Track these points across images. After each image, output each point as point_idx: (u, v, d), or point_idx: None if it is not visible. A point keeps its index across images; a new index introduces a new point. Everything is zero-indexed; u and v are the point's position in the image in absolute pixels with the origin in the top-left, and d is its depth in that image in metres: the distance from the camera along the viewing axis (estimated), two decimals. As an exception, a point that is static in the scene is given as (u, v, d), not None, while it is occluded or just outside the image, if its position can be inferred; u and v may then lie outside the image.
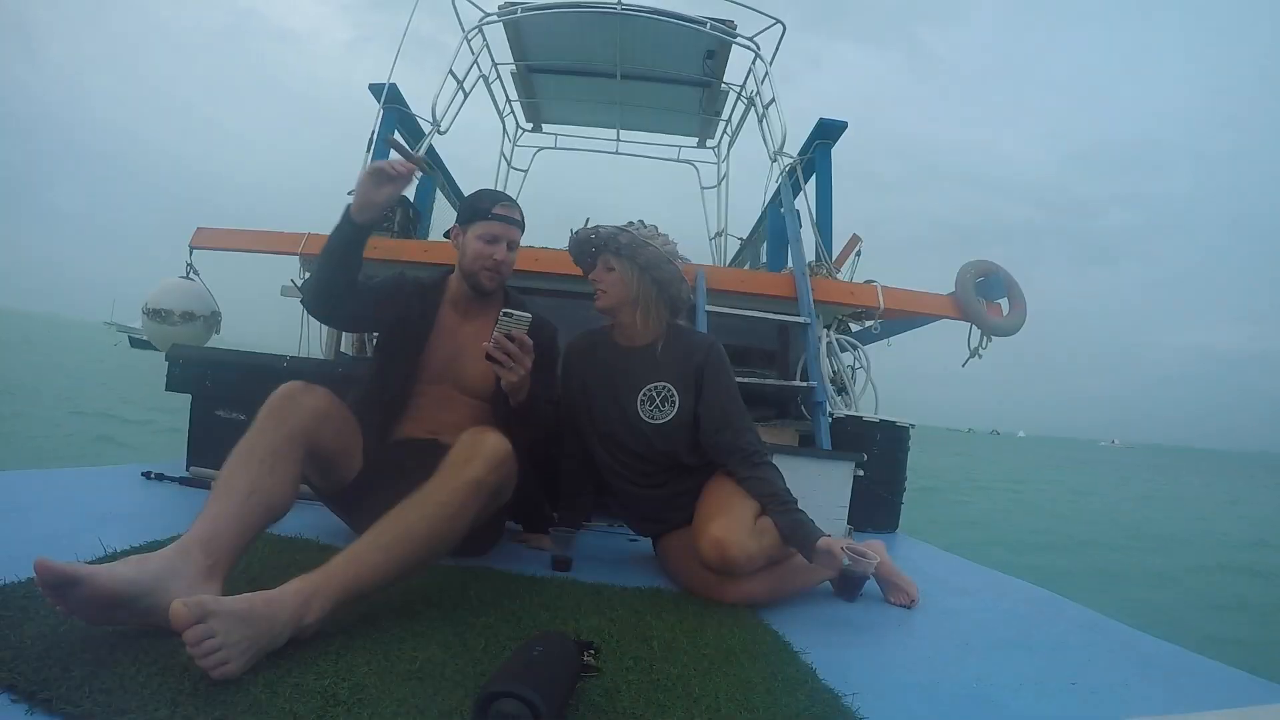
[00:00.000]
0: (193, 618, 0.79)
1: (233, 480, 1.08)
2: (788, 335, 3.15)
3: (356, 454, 1.43)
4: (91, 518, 1.49)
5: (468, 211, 1.64)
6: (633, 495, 1.66)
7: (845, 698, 0.97)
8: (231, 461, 1.11)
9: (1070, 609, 1.71)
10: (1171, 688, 1.21)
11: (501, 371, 1.39)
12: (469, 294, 1.65)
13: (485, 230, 1.60)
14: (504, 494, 1.31)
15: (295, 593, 0.92)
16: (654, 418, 1.59)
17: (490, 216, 1.60)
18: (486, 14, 3.51)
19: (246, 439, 1.14)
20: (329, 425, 1.29)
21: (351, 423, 1.41)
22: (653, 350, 1.63)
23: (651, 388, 1.60)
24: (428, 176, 3.53)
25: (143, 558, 0.92)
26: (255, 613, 0.85)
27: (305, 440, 1.20)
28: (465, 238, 1.62)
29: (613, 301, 1.62)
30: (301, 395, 1.23)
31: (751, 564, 1.40)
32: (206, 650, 0.78)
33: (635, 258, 1.59)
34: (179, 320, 2.98)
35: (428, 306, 1.64)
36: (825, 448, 2.42)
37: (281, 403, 1.20)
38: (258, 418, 1.18)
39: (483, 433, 1.24)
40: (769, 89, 3.45)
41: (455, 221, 1.67)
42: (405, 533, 1.06)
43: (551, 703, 0.75)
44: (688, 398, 1.58)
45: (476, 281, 1.62)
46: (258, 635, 0.84)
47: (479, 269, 1.60)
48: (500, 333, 1.37)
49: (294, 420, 1.19)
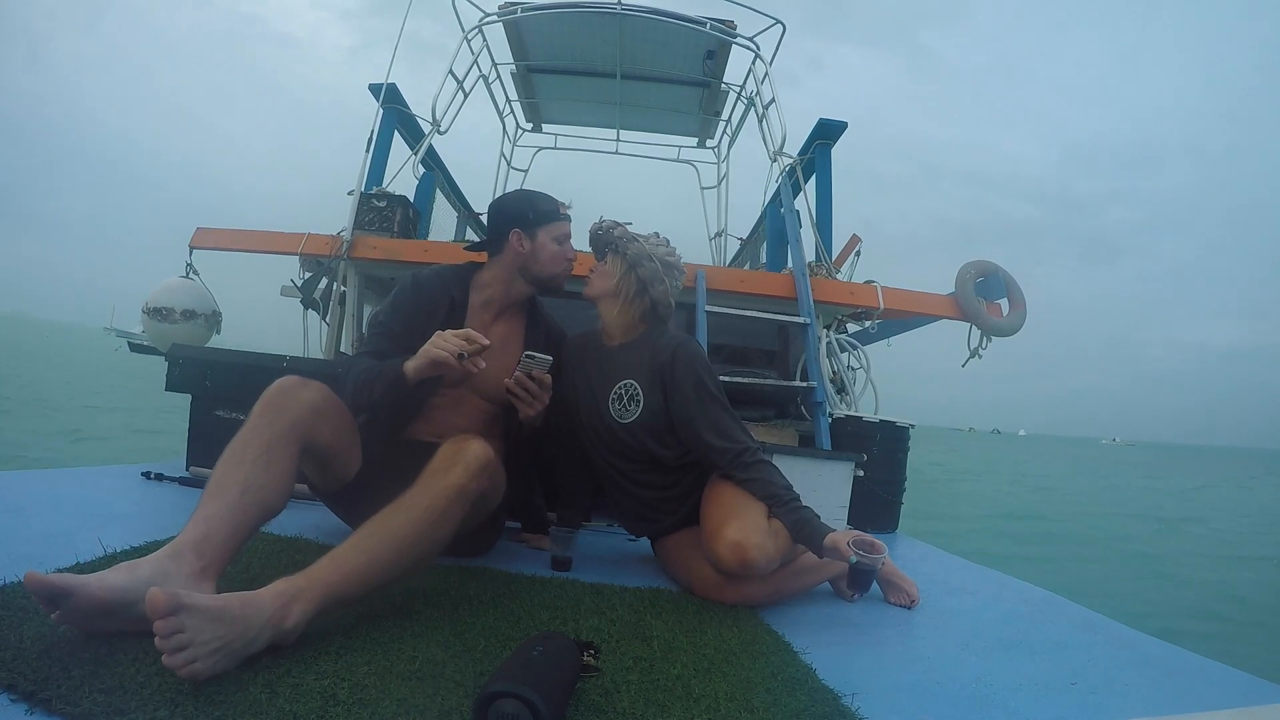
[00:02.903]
0: (167, 608, 0.77)
1: (226, 478, 1.06)
2: (788, 335, 3.15)
3: (355, 451, 1.41)
4: (91, 518, 1.49)
5: (533, 214, 1.62)
6: (620, 494, 1.66)
7: (845, 698, 0.97)
8: (225, 459, 1.09)
9: (1070, 609, 1.71)
10: (1171, 688, 1.21)
11: (520, 405, 1.46)
12: (512, 296, 1.64)
13: (559, 231, 1.63)
14: (489, 500, 1.31)
15: (275, 595, 0.90)
16: (621, 416, 1.58)
17: (561, 217, 1.64)
18: (486, 14, 3.51)
19: (240, 435, 1.12)
20: (325, 421, 1.27)
21: (349, 419, 1.38)
22: (626, 348, 1.63)
23: (621, 386, 1.59)
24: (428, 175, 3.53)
25: (134, 563, 0.91)
26: (229, 613, 0.83)
27: (301, 435, 1.18)
28: (536, 241, 1.61)
29: (595, 291, 1.64)
30: (298, 390, 1.21)
31: (770, 566, 1.39)
32: (174, 645, 0.77)
33: (624, 252, 1.61)
34: (180, 319, 2.98)
35: (456, 307, 1.60)
36: (825, 448, 2.42)
37: (276, 397, 1.18)
38: (252, 413, 1.16)
39: (466, 440, 1.23)
40: (769, 89, 3.46)
41: (513, 226, 1.61)
42: (389, 538, 1.05)
43: (551, 703, 0.75)
44: (653, 397, 1.56)
45: (554, 282, 1.64)
46: (229, 636, 0.82)
47: (559, 270, 1.63)
48: (522, 373, 1.43)
49: (289, 415, 1.17)
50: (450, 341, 1.33)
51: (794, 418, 2.82)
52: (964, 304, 3.00)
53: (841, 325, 3.37)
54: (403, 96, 3.45)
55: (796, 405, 2.82)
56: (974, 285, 3.04)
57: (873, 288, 3.01)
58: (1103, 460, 41.53)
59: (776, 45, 3.52)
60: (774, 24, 3.47)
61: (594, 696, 0.88)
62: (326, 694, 0.80)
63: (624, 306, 1.62)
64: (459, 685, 0.86)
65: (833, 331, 3.06)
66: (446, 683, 0.87)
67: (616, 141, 4.91)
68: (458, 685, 0.86)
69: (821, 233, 3.34)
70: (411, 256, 2.88)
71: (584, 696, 0.88)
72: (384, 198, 2.99)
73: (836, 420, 2.59)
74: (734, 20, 3.50)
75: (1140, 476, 25.61)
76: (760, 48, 3.49)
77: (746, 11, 3.46)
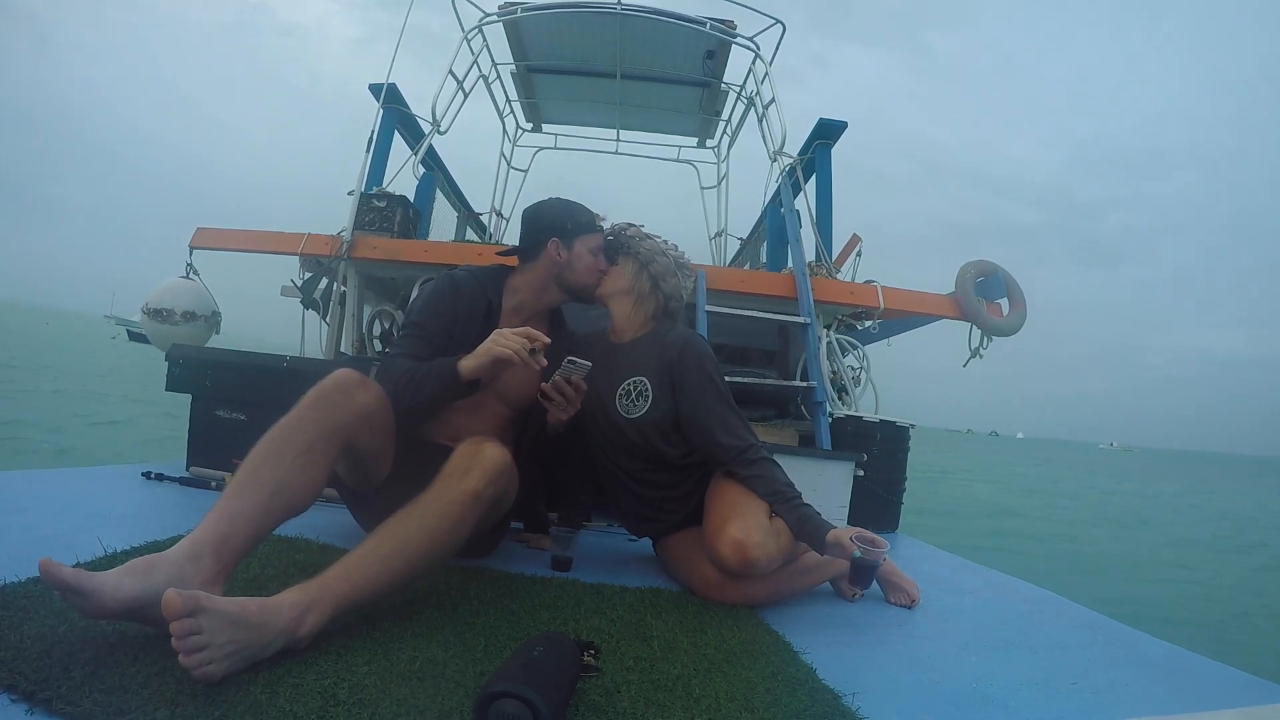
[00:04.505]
0: (184, 609, 0.77)
1: (259, 474, 1.02)
2: (788, 335, 3.15)
3: (389, 456, 1.37)
4: (91, 518, 1.49)
5: (571, 225, 1.62)
6: (624, 493, 1.66)
7: (845, 698, 0.97)
8: (262, 451, 1.04)
9: (1070, 609, 1.71)
10: (1171, 688, 1.21)
11: (553, 409, 1.48)
12: (543, 302, 1.65)
13: (594, 242, 1.64)
14: (503, 504, 1.30)
15: (291, 605, 0.89)
16: (629, 412, 1.58)
17: (597, 228, 1.66)
18: (486, 14, 3.51)
19: (284, 426, 1.07)
20: (372, 426, 1.22)
21: (391, 425, 1.33)
22: (634, 345, 1.64)
23: (629, 382, 1.60)
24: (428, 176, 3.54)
25: (150, 564, 0.88)
26: (247, 618, 0.83)
27: (345, 438, 1.14)
28: (572, 251, 1.61)
29: (608, 291, 1.66)
30: (355, 390, 1.16)
31: (771, 565, 1.39)
32: (191, 646, 0.77)
33: (637, 251, 1.65)
34: (180, 320, 2.98)
35: (492, 312, 1.59)
36: (825, 448, 2.42)
37: (332, 394, 1.12)
38: (302, 403, 1.10)
39: (482, 443, 1.21)
40: (769, 89, 3.46)
41: (551, 235, 1.60)
42: (403, 544, 1.04)
43: (551, 703, 0.75)
44: (662, 394, 1.57)
45: (587, 292, 1.65)
46: (247, 641, 0.82)
47: (592, 280, 1.64)
48: (561, 377, 1.45)
49: (339, 416, 1.12)
50: (513, 340, 1.33)
51: (794, 418, 2.82)
52: (964, 304, 3.00)
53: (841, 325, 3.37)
54: (403, 96, 3.45)
55: (796, 405, 2.82)
56: (974, 285, 3.04)
57: (873, 287, 3.01)
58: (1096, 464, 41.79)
59: (776, 45, 3.52)
60: (774, 24, 3.47)
61: (594, 696, 0.88)
62: (326, 694, 0.80)
63: (636, 304, 1.65)
64: (459, 685, 0.86)
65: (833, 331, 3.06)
66: (446, 683, 0.87)
67: (616, 141, 4.91)
68: (458, 685, 0.86)
69: (821, 233, 3.34)
70: (411, 256, 2.88)
71: (584, 696, 0.88)
72: (384, 198, 2.99)
73: (836, 420, 2.59)
74: (734, 20, 3.50)
75: (1123, 480, 26.34)
76: (760, 47, 3.49)
77: (746, 11, 3.47)
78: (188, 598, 0.78)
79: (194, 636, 0.77)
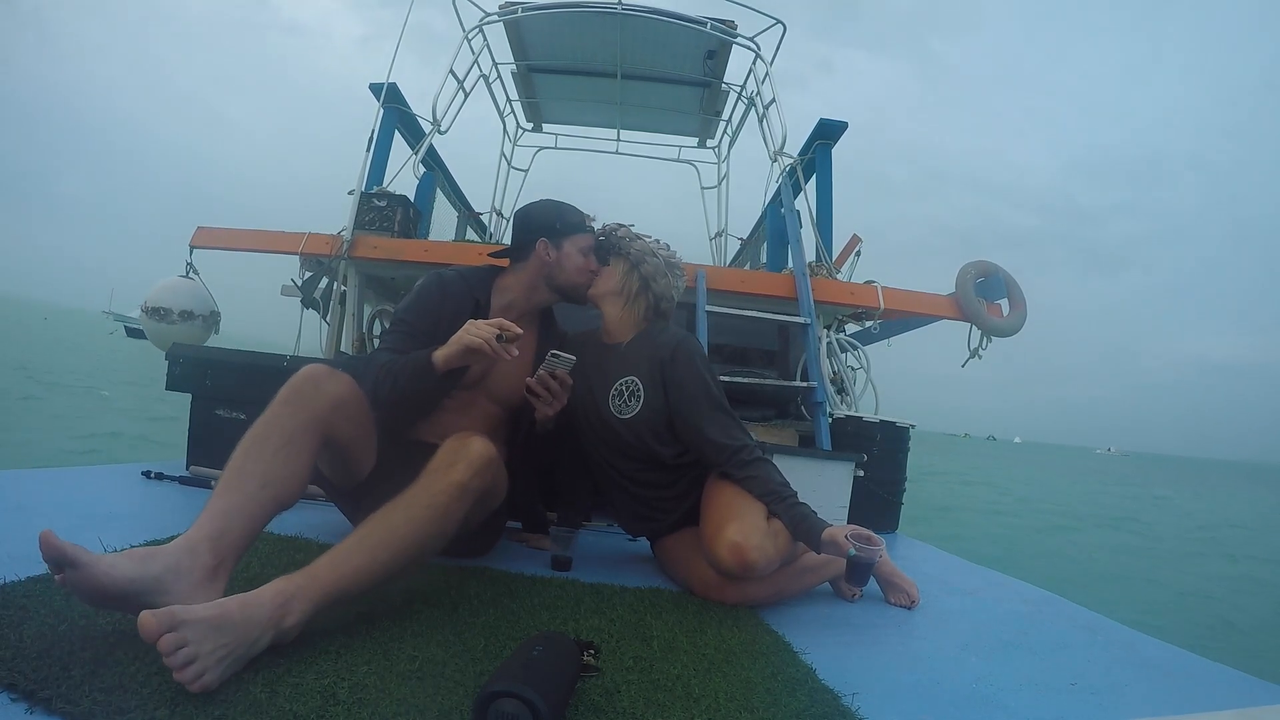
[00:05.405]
0: (161, 628, 0.76)
1: (244, 469, 1.04)
2: (788, 335, 3.15)
3: (371, 449, 1.39)
4: (91, 517, 1.49)
5: (560, 225, 1.63)
6: (619, 493, 1.66)
7: (845, 698, 0.97)
8: (244, 448, 1.06)
9: (1070, 609, 1.71)
10: (1171, 688, 1.21)
11: (539, 404, 1.48)
12: (533, 302, 1.66)
13: (584, 242, 1.65)
14: (492, 498, 1.30)
15: (274, 595, 0.89)
16: (621, 412, 1.58)
17: (587, 229, 1.66)
18: (487, 14, 3.51)
19: (261, 423, 1.09)
20: (347, 416, 1.24)
21: (369, 416, 1.35)
22: (627, 346, 1.64)
23: (621, 382, 1.60)
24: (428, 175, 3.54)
25: (148, 553, 0.89)
26: (229, 619, 0.82)
27: (322, 429, 1.16)
28: (561, 251, 1.62)
29: (600, 291, 1.66)
30: (324, 381, 1.18)
31: (770, 567, 1.39)
32: (181, 660, 0.76)
33: (627, 251, 1.65)
34: (178, 319, 2.98)
35: (479, 310, 1.59)
36: (825, 448, 2.42)
37: (303, 385, 1.15)
38: (275, 399, 1.12)
39: (467, 437, 1.22)
40: (769, 89, 3.46)
41: (540, 235, 1.61)
42: (389, 535, 1.04)
43: (551, 703, 0.75)
44: (654, 394, 1.57)
45: (576, 292, 1.65)
46: (234, 642, 0.81)
47: (582, 281, 1.65)
48: (545, 371, 1.45)
49: (314, 406, 1.14)
50: (484, 329, 1.34)
51: (794, 418, 2.82)
52: (964, 304, 3.00)
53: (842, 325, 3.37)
54: (403, 96, 3.45)
55: (796, 405, 2.82)
56: (974, 285, 3.03)
57: (873, 288, 3.01)
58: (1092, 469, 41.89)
59: (777, 45, 3.52)
60: (774, 24, 3.47)
61: (594, 696, 0.88)
62: (326, 694, 0.80)
63: (628, 305, 1.64)
64: (459, 685, 0.86)
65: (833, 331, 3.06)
66: (446, 683, 0.87)
67: (617, 141, 4.91)
68: (458, 685, 0.86)
69: (822, 233, 3.34)
70: (412, 256, 2.88)
71: (584, 696, 0.88)
72: (384, 197, 2.99)
73: (836, 420, 2.59)
74: (734, 20, 3.50)
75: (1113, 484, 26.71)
76: (761, 48, 3.49)
77: (747, 11, 3.47)
78: (162, 615, 0.77)
79: (182, 650, 0.76)
